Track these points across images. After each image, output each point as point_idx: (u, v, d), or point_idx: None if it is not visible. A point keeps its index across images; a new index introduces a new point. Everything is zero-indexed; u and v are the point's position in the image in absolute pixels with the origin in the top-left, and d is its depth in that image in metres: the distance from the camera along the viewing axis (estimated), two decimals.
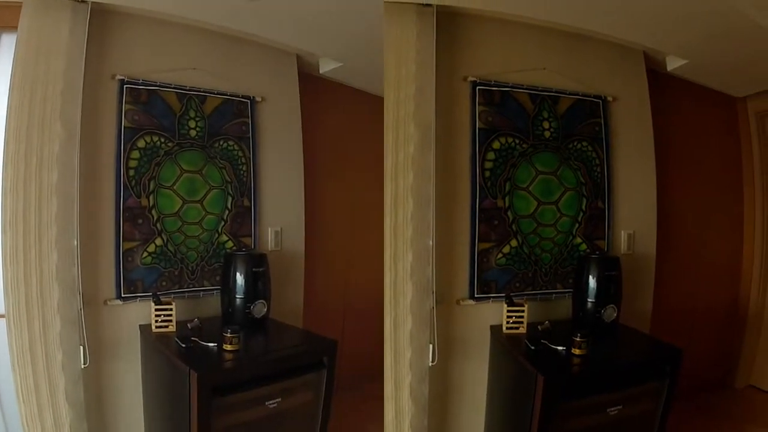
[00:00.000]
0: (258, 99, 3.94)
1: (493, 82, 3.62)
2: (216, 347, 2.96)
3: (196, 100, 3.62)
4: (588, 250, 3.84)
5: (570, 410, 2.85)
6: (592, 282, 3.54)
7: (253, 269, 3.57)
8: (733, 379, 5.21)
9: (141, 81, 3.41)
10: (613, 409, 2.94)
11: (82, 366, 3.05)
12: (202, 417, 2.60)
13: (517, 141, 3.66)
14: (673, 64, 4.37)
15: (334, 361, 3.22)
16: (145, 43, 3.49)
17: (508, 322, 3.44)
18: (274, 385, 2.97)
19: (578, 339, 2.96)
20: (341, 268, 4.97)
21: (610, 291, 3.54)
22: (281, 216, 4.17)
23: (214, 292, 3.70)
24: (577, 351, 2.97)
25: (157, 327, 3.21)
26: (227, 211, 3.83)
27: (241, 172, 3.87)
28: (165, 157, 3.51)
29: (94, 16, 3.18)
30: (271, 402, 2.93)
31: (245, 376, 2.91)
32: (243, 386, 2.86)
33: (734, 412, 4.72)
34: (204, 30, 3.70)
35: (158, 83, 3.49)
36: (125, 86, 3.37)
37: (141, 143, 3.42)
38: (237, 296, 3.53)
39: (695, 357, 4.67)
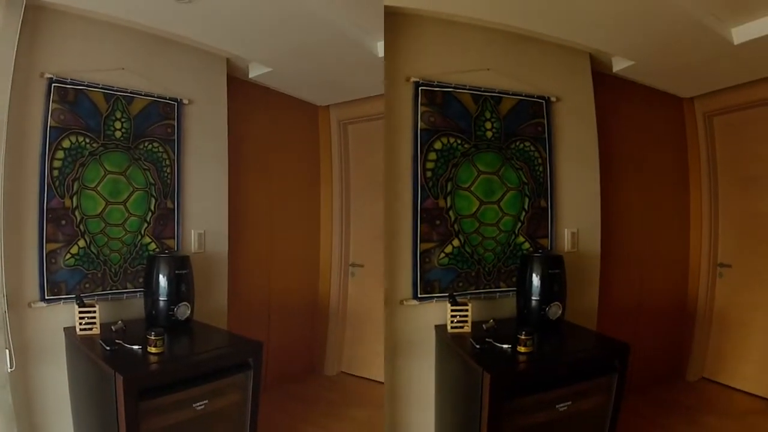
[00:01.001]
0: (185, 101, 4.09)
1: (435, 83, 3.78)
2: (140, 350, 3.03)
3: (123, 100, 3.75)
4: (531, 249, 4.03)
5: (518, 408, 2.95)
6: (535, 280, 3.69)
7: (176, 271, 3.67)
8: (685, 371, 5.50)
9: (69, 80, 3.55)
10: (562, 405, 3.03)
11: (9, 370, 3.07)
12: (129, 420, 2.67)
13: (459, 141, 3.84)
14: (619, 65, 4.56)
15: (260, 362, 3.32)
16: (75, 41, 3.57)
17: (452, 322, 3.54)
18: (200, 387, 3.04)
19: (523, 337, 3.07)
20: (264, 270, 5.16)
21: (553, 289, 3.67)
22: (205, 218, 4.29)
23: (138, 294, 3.82)
24: (522, 349, 3.07)
25: (81, 330, 3.30)
26: (150, 213, 3.97)
27: (165, 174, 4.01)
28: (89, 158, 3.64)
29: (26, 11, 3.26)
30: (198, 404, 3.05)
31: (171, 379, 2.97)
32: (169, 389, 2.90)
33: (688, 404, 4.93)
34: (134, 30, 3.82)
35: (86, 83, 3.62)
36: (53, 85, 3.47)
37: (66, 143, 3.54)
38: (160, 298, 3.62)
39: (647, 351, 5.01)
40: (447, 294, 3.66)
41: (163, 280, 3.61)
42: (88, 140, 3.57)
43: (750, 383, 5.07)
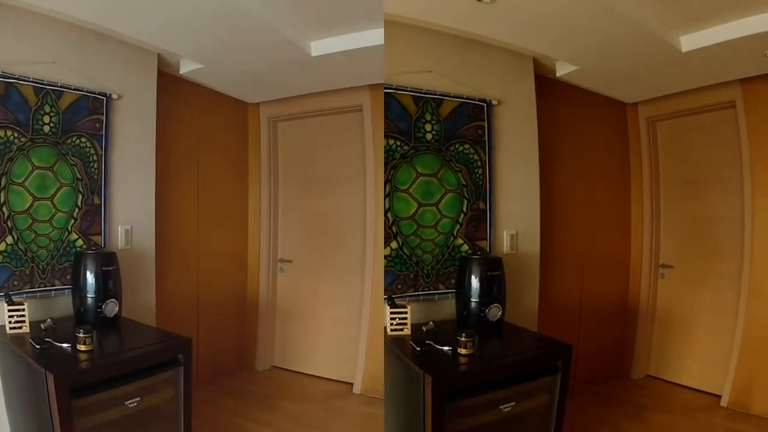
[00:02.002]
0: (114, 96, 4.03)
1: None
2: (70, 348, 3.00)
3: (53, 94, 3.69)
4: (470, 251, 4.06)
5: (462, 409, 2.95)
6: (474, 282, 3.72)
7: (103, 268, 3.65)
8: (629, 370, 5.65)
9: (1, 73, 3.30)
10: (506, 406, 3.05)
11: None
12: (63, 418, 2.65)
13: (399, 143, 3.84)
14: (563, 70, 4.61)
15: (189, 358, 3.30)
16: (7, 34, 3.47)
17: (392, 324, 3.47)
18: (131, 385, 3.02)
19: (463, 339, 3.05)
20: (192, 266, 5.13)
21: (493, 290, 3.70)
22: (132, 214, 4.23)
23: (66, 291, 3.75)
24: (463, 351, 3.06)
25: (11, 328, 3.20)
26: (77, 209, 3.89)
27: (92, 169, 3.95)
28: (17, 153, 3.55)
29: None
30: (131, 401, 3.02)
31: (101, 376, 2.94)
32: (101, 386, 2.89)
33: (635, 401, 5.04)
34: (67, 23, 3.72)
35: (17, 76, 3.51)
36: None
37: None
38: (88, 296, 3.59)
39: (592, 350, 5.17)
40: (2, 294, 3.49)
41: (90, 277, 3.58)
42: (16, 135, 3.47)
43: (696, 380, 5.24)
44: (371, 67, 4.48)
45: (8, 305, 3.24)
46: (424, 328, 3.43)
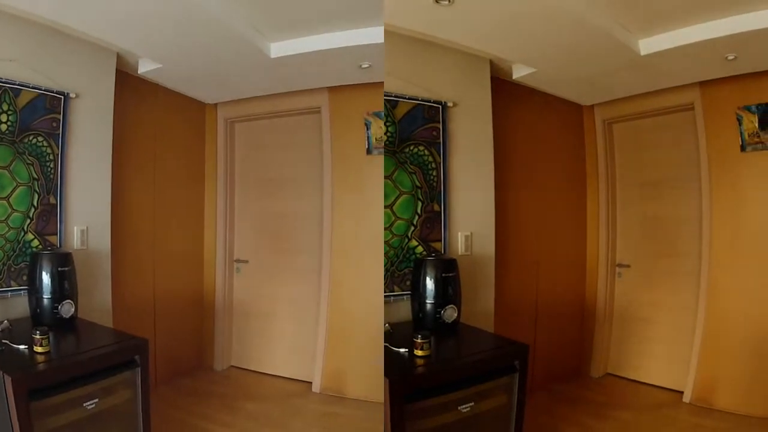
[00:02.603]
0: (72, 95, 3.98)
1: None
2: (27, 349, 2.96)
3: (11, 93, 3.60)
4: (425, 253, 4.06)
5: (421, 410, 2.94)
6: (429, 284, 3.74)
7: (59, 269, 3.61)
8: (589, 368, 5.69)
9: None
10: (464, 406, 3.06)
11: None
12: (22, 420, 2.59)
13: None
14: (519, 72, 4.64)
15: (146, 359, 3.27)
16: None
17: None
18: (89, 386, 2.98)
19: (420, 340, 3.06)
20: (149, 267, 5.08)
21: (448, 292, 3.72)
22: (88, 214, 4.16)
23: (22, 292, 3.68)
24: (419, 352, 3.06)
25: None
26: (33, 209, 3.83)
27: (49, 169, 3.90)
28: None
29: None
30: (89, 403, 2.99)
31: (59, 378, 2.89)
32: (59, 388, 2.84)
33: (596, 399, 5.09)
34: (26, 20, 3.66)
35: None
36: None
37: None
38: (44, 296, 3.55)
39: (550, 350, 5.22)
40: None
41: (46, 278, 3.54)
42: None
43: (657, 376, 5.32)
44: (330, 69, 4.49)
45: None
46: None
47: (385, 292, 3.92)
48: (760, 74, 4.49)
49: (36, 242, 3.79)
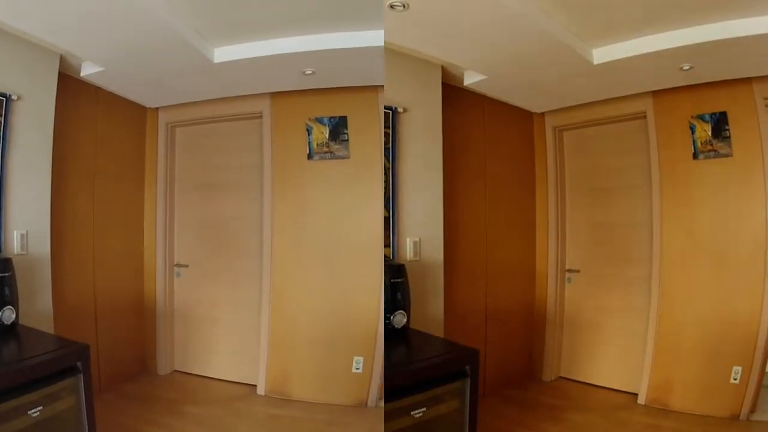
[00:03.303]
0: (14, 97, 3.89)
1: None
2: None
3: None
4: None
5: None
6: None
7: None
8: (540, 372, 5.76)
9: None
10: (417, 411, 3.06)
11: None
12: None
13: None
14: (471, 79, 4.68)
15: (89, 364, 3.21)
16: None
17: None
18: (33, 393, 2.92)
19: None
20: (88, 271, 4.99)
21: (397, 297, 3.72)
22: (28, 219, 4.06)
23: None
24: None
25: None
26: None
27: None
28: None
29: None
30: (33, 411, 2.92)
31: (3, 386, 2.80)
32: (3, 396, 2.77)
33: (550, 403, 5.13)
34: None
35: None
36: None
37: None
38: None
39: (502, 355, 5.29)
40: None
41: None
42: None
43: (610, 379, 5.42)
44: (273, 75, 4.47)
45: None
46: None
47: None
48: (714, 84, 4.65)
49: None
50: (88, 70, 4.47)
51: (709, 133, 4.72)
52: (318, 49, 4.12)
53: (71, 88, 4.51)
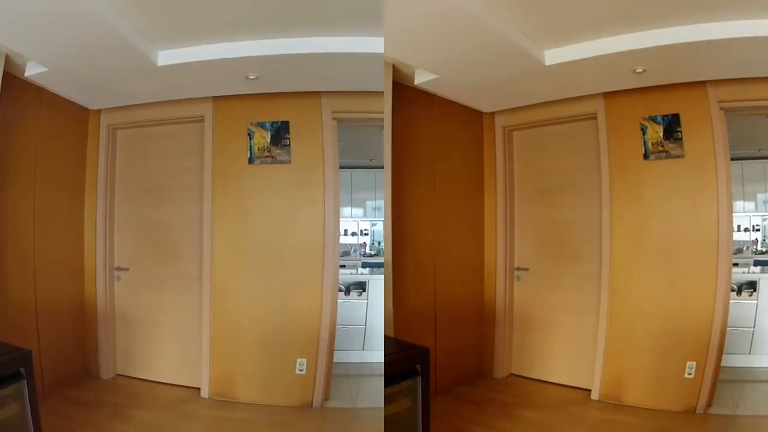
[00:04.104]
0: None
1: None
2: None
3: None
4: None
5: None
6: None
7: None
8: (492, 369, 5.81)
9: None
10: None
11: None
12: None
13: None
14: (421, 78, 4.71)
15: (32, 370, 3.17)
16: None
17: None
18: None
19: None
20: (29, 274, 4.88)
21: None
22: None
23: None
24: None
25: None
26: None
27: None
28: None
29: None
30: None
31: None
32: None
33: (500, 399, 5.17)
34: None
35: None
36: None
37: None
38: None
39: (452, 353, 5.34)
40: None
41: None
42: None
43: (562, 376, 5.51)
44: (217, 79, 4.45)
45: None
46: None
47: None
48: (667, 86, 4.78)
49: None
50: (32, 71, 4.38)
51: (661, 134, 4.85)
52: (262, 54, 4.15)
53: (15, 88, 4.41)
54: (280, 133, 5.01)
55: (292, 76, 4.65)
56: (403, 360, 3.40)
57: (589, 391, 5.16)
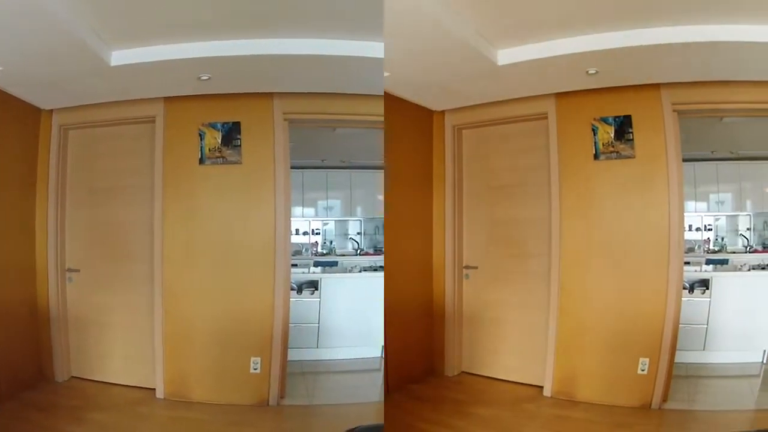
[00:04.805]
0: None
1: None
2: None
3: None
4: None
5: None
6: None
7: None
8: (442, 367, 5.83)
9: None
10: None
11: None
12: None
13: None
14: None
15: None
16: None
17: None
18: None
19: None
20: None
21: None
22: None
23: None
24: None
25: None
26: None
27: None
28: None
29: None
30: None
31: None
32: None
33: (452, 397, 5.21)
34: None
35: None
36: None
37: None
38: None
39: (402, 352, 5.31)
40: None
41: None
42: None
43: (514, 373, 5.56)
44: (169, 80, 4.43)
45: None
46: None
47: None
48: (620, 88, 4.86)
49: None
50: None
51: (612, 135, 4.95)
52: (214, 55, 4.17)
53: None
54: (231, 134, 5.04)
55: (245, 78, 4.70)
56: None
57: (542, 387, 5.23)
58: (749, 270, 6.59)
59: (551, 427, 4.61)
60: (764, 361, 5.67)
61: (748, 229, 8.95)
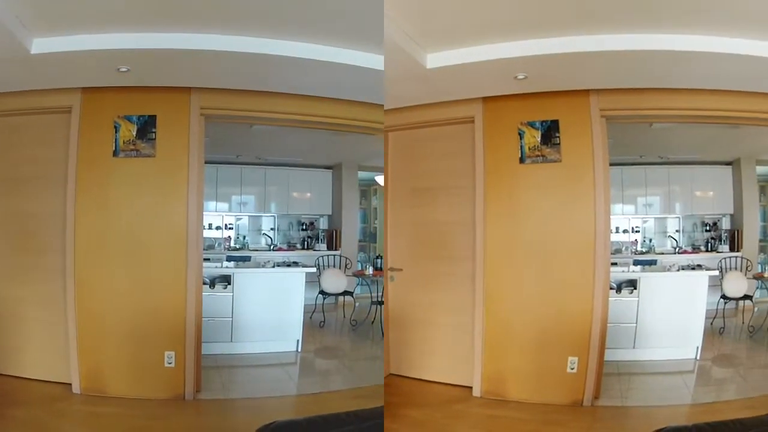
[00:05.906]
0: None
1: None
2: None
3: None
4: None
5: None
6: None
7: None
8: None
9: None
10: None
11: None
12: None
13: None
14: None
15: None
16: None
17: None
18: None
19: None
20: None
21: None
22: None
23: None
24: None
25: None
26: None
27: None
28: None
29: None
30: None
31: None
32: None
33: (384, 400, 5.13)
34: None
35: None
36: None
37: None
38: None
39: None
40: None
41: None
42: None
43: (442, 374, 5.59)
44: (87, 70, 4.43)
45: None
46: None
47: None
48: (549, 93, 4.95)
49: None
50: None
51: (539, 139, 5.04)
52: (135, 48, 4.13)
53: None
54: (146, 127, 5.04)
55: (163, 71, 4.67)
56: None
57: (471, 388, 5.30)
58: (678, 270, 6.75)
59: (483, 427, 4.65)
60: (697, 358, 5.95)
61: (677, 231, 9.39)
